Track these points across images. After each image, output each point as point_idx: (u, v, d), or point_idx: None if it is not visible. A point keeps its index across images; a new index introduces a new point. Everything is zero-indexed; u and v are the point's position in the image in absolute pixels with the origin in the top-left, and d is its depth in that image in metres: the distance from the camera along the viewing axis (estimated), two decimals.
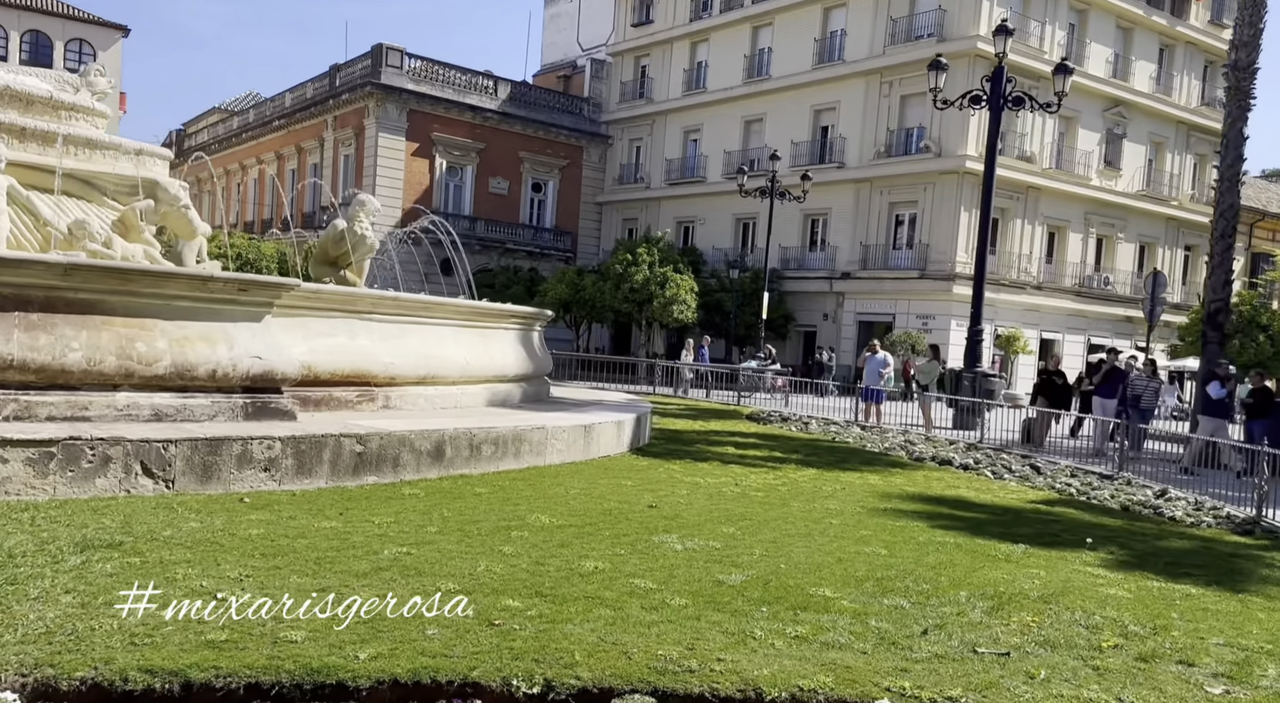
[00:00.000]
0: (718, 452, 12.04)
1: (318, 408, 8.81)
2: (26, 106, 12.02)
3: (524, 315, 11.99)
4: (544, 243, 45.06)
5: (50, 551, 5.00)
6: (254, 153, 50.08)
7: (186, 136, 58.94)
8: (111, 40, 47.96)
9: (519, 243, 43.92)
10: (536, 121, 44.96)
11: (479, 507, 7.27)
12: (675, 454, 11.31)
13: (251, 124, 50.40)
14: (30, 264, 6.79)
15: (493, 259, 42.33)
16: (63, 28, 46.75)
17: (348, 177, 42.65)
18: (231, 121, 53.34)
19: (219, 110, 58.80)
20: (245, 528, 5.89)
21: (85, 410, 6.85)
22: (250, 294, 7.83)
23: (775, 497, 9.07)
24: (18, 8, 46.03)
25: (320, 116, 44.21)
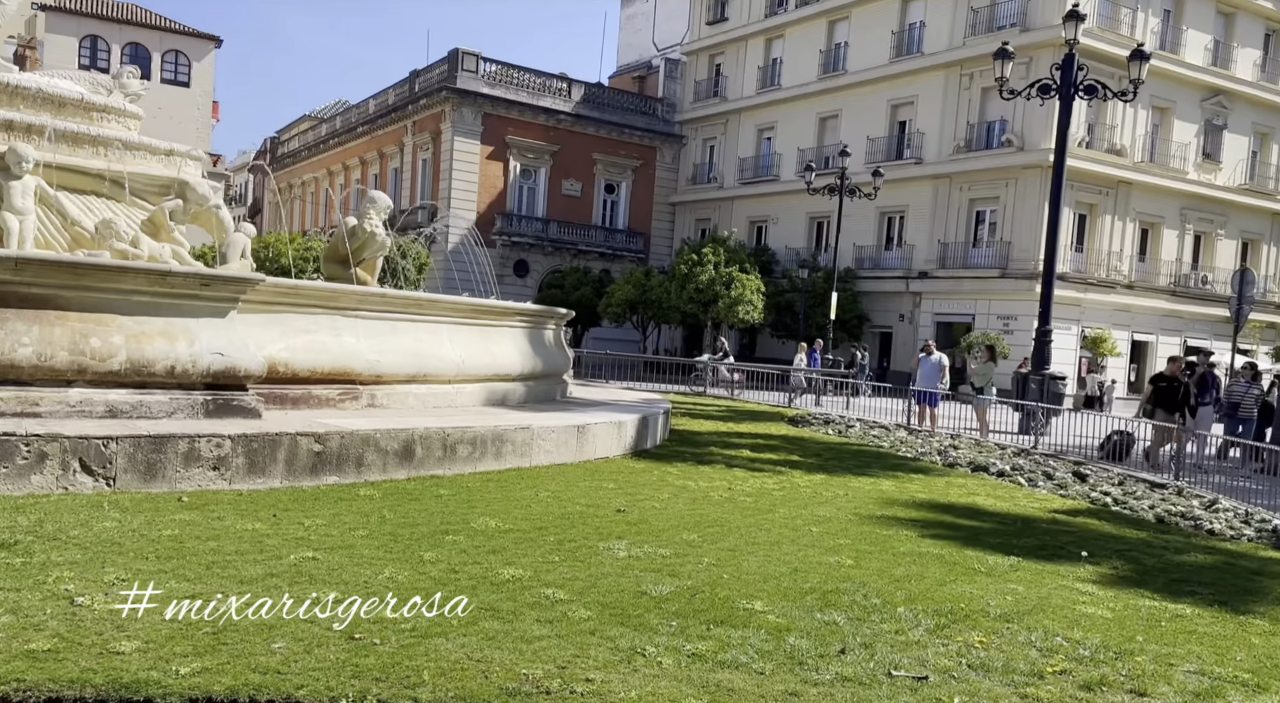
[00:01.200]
0: (728, 455, 11.56)
1: (295, 406, 8.71)
2: (59, 109, 12.30)
3: (530, 313, 11.72)
4: (616, 244, 44.94)
5: None
6: (340, 159, 51.41)
7: (280, 144, 60.99)
8: (205, 51, 49.92)
9: (591, 244, 43.91)
10: (610, 123, 44.89)
11: (429, 509, 7.01)
12: (680, 457, 10.89)
13: (338, 130, 51.77)
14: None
15: (565, 261, 42.42)
16: (160, 40, 48.88)
17: (425, 180, 43.37)
18: (320, 128, 54.91)
19: (310, 117, 60.67)
20: (160, 529, 5.75)
21: (36, 406, 6.85)
22: (213, 289, 7.76)
23: (764, 503, 8.58)
24: (119, 21, 48.35)
25: (400, 122, 45.07)
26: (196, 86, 49.67)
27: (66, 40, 47.59)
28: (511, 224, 41.88)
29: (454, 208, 40.90)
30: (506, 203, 42.16)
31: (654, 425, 11.45)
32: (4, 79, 12.04)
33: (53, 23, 48.13)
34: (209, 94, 50.22)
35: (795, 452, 12.54)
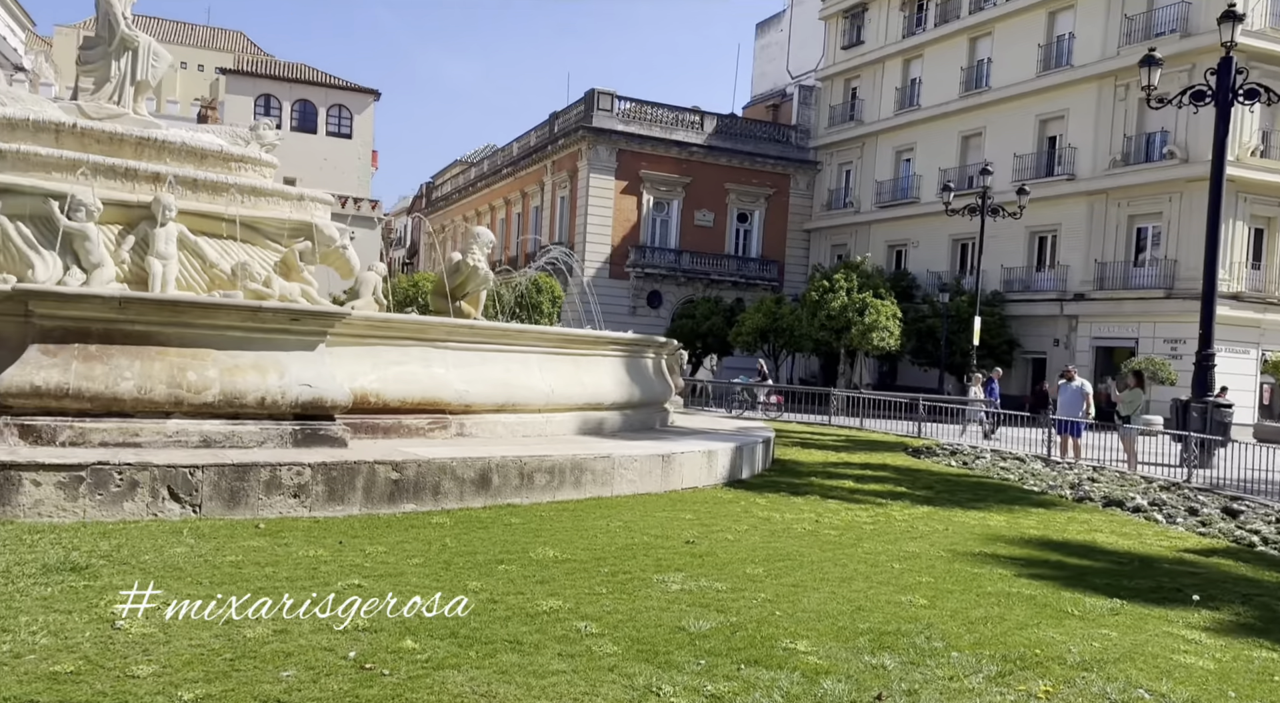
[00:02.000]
0: (827, 486, 11.11)
1: (386, 435, 8.97)
2: (201, 160, 13.21)
3: (625, 342, 11.69)
4: (749, 273, 44.64)
5: (13, 573, 5.25)
6: (487, 200, 53.50)
7: (434, 188, 64.09)
8: (365, 104, 53.17)
9: (723, 274, 43.79)
10: (742, 152, 44.87)
11: (493, 538, 7.02)
12: (775, 487, 10.54)
13: (485, 173, 53.93)
14: (89, 298, 7.39)
15: (697, 291, 42.46)
16: (325, 96, 52.44)
17: (563, 217, 44.50)
18: (470, 172, 57.34)
19: (461, 162, 63.49)
20: (225, 555, 5.97)
21: (136, 437, 7.31)
22: (302, 324, 8.11)
23: (849, 537, 8.16)
24: (289, 81, 52.24)
25: (540, 162, 46.52)
26: (358, 137, 52.91)
27: (243, 100, 51.77)
28: (644, 256, 42.33)
29: (589, 242, 41.73)
30: (640, 235, 42.67)
31: (750, 455, 11.16)
32: (154, 135, 13.05)
33: (232, 85, 52.50)
34: (368, 144, 53.38)
35: (904, 483, 11.94)
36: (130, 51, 13.81)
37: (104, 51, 13.74)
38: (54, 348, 7.14)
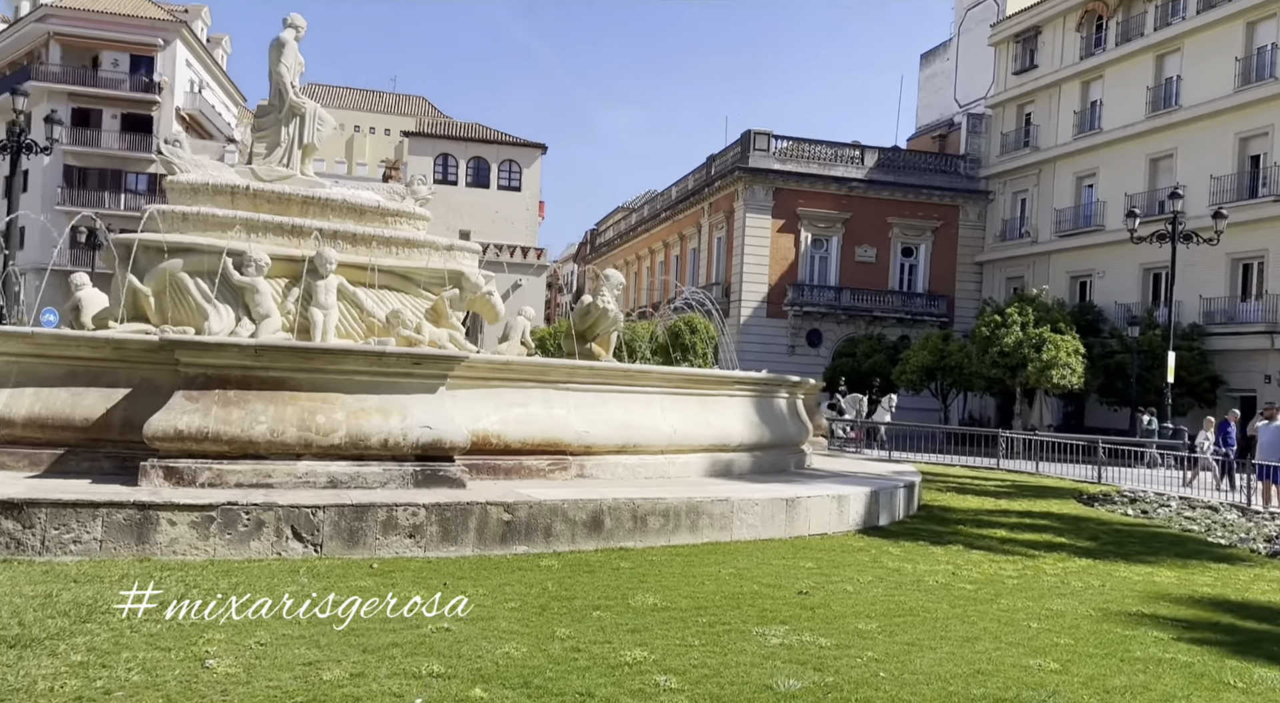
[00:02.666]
0: (975, 534, 10.37)
1: (507, 476, 9.09)
2: (359, 216, 14.00)
3: (755, 381, 11.41)
4: (915, 309, 43.08)
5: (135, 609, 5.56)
6: (646, 244, 54.40)
7: (598, 234, 65.87)
8: (533, 158, 55.49)
9: (887, 310, 42.48)
10: (906, 185, 43.66)
11: (596, 583, 6.92)
12: (915, 535, 9.93)
13: (645, 218, 54.94)
14: (227, 347, 7.90)
15: (859, 328, 41.37)
16: (496, 152, 55.12)
17: (720, 258, 44.59)
18: (630, 218, 58.60)
19: (622, 208, 65.02)
20: (329, 594, 6.11)
21: (269, 478, 7.71)
22: (424, 367, 8.37)
23: (986, 591, 7.54)
24: (464, 140, 55.30)
25: (697, 205, 46.94)
26: (526, 189, 55.24)
27: (424, 160, 55.13)
28: (803, 294, 41.70)
29: (745, 282, 41.54)
30: (798, 273, 42.11)
31: (889, 500, 10.59)
32: (317, 194, 13.96)
33: (414, 146, 56.08)
34: (536, 195, 55.61)
35: (1065, 533, 10.99)
36: (298, 117, 14.85)
37: (275, 118, 14.84)
38: (196, 394, 7.67)
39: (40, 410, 7.95)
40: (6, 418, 7.91)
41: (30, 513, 6.59)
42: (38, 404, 7.96)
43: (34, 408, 7.95)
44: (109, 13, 55.78)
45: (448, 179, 54.32)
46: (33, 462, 7.94)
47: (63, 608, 5.47)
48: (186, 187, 13.38)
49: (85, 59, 56.66)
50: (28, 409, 7.94)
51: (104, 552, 6.71)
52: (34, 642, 4.86)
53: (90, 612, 5.43)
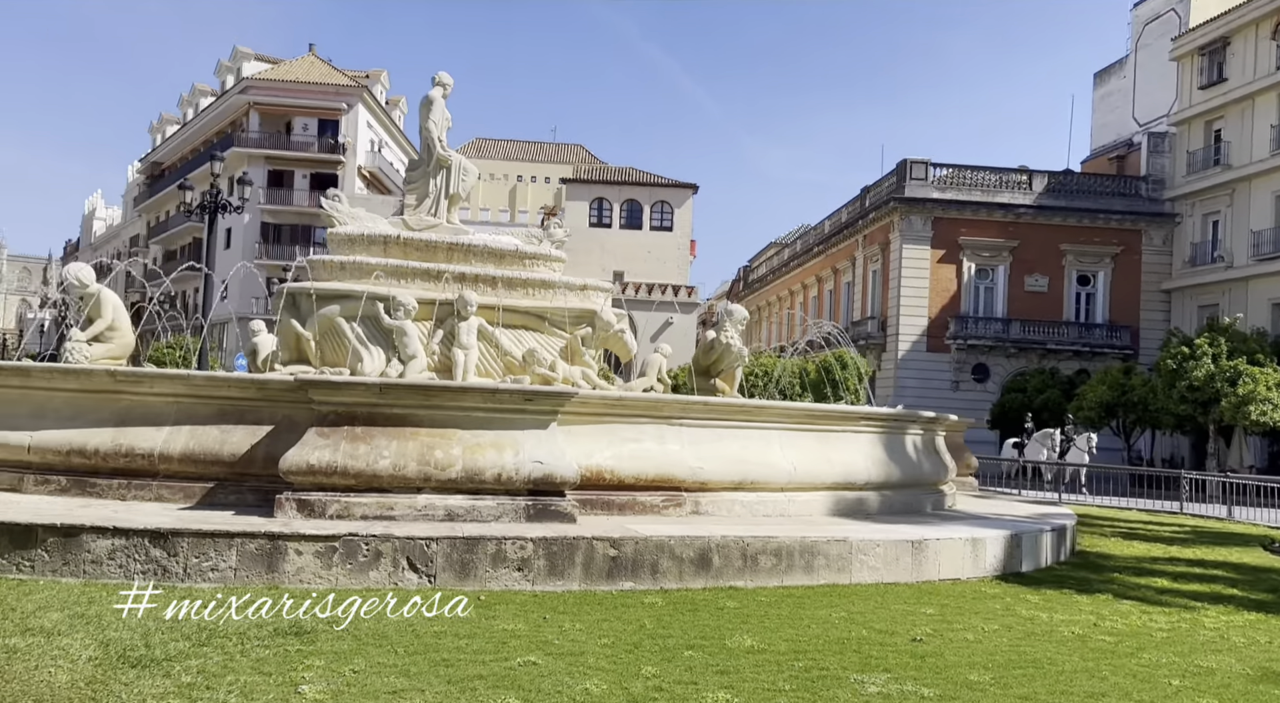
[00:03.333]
0: (1131, 583, 9.56)
1: (620, 512, 9.15)
2: (499, 260, 14.62)
3: (884, 417, 11.00)
4: (1094, 341, 40.47)
5: (249, 635, 5.92)
6: (799, 278, 53.83)
7: (751, 271, 65.74)
8: (685, 198, 56.17)
9: (1062, 343, 40.11)
10: (1080, 210, 41.35)
11: (696, 622, 6.84)
12: (1060, 582, 9.26)
13: (798, 253, 54.44)
14: (354, 386, 8.37)
15: (1030, 362, 39.25)
16: (649, 194, 56.16)
17: (875, 291, 43.51)
18: (783, 253, 58.22)
19: (775, 244, 64.70)
20: (434, 625, 6.34)
21: (391, 511, 8.08)
22: (535, 404, 8.58)
23: (1128, 645, 6.95)
24: (618, 184, 56.67)
25: (851, 237, 46.11)
26: (678, 229, 55.96)
27: (580, 205, 56.87)
28: (966, 327, 40.00)
29: (903, 315, 40.29)
30: (960, 305, 40.47)
31: (1033, 544, 9.94)
32: (461, 240, 14.67)
33: (571, 192, 57.96)
34: (687, 234, 56.18)
35: (1239, 585, 9.97)
36: (445, 169, 15.71)
37: (423, 171, 15.75)
38: (328, 430, 8.16)
39: (194, 447, 8.67)
40: (165, 454, 8.66)
41: (175, 542, 7.18)
42: (192, 441, 8.69)
43: (188, 444, 8.68)
44: (300, 82, 60.88)
45: (602, 222, 55.74)
46: (186, 494, 8.66)
47: (187, 632, 5.91)
48: (344, 238, 14.36)
49: (279, 125, 61.96)
50: (183, 446, 8.68)
51: (238, 579, 7.20)
52: (153, 663, 5.27)
53: (210, 636, 5.83)
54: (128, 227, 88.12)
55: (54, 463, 8.74)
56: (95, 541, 7.13)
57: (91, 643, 5.55)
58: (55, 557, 7.14)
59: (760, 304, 61.73)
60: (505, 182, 71.72)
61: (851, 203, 47.55)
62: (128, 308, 12.57)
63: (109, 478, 8.70)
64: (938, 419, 12.34)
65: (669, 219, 55.75)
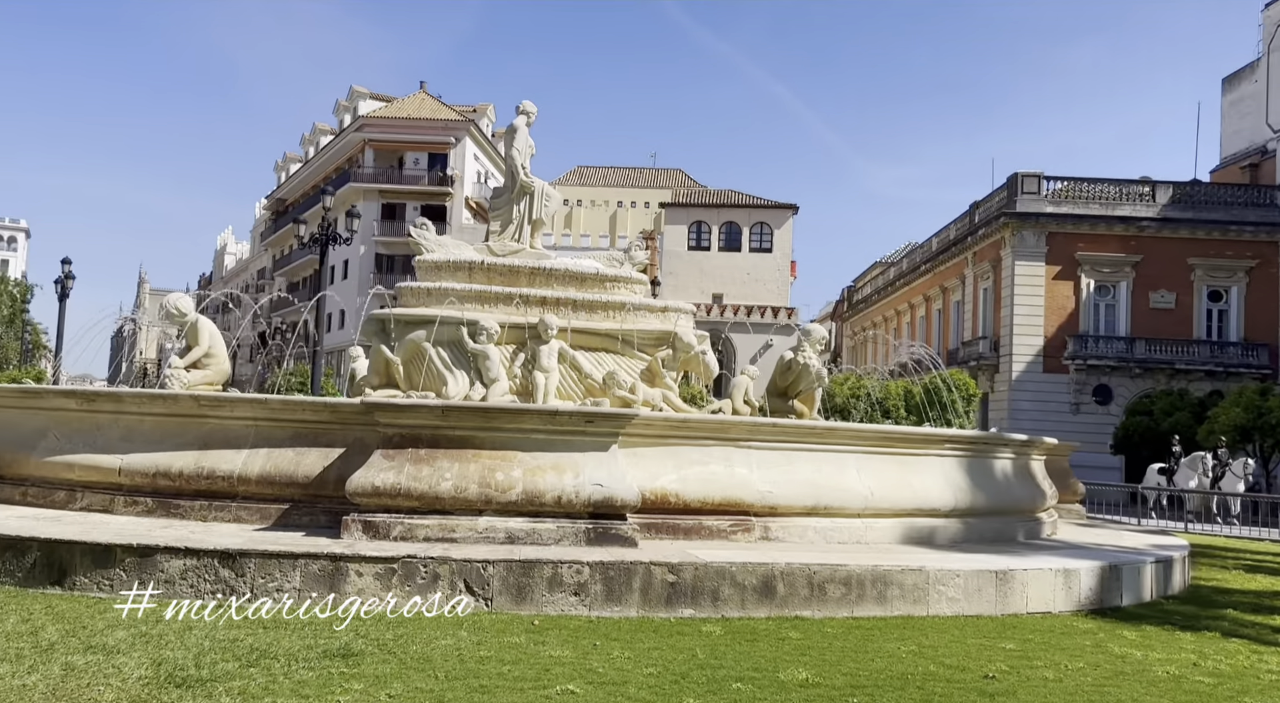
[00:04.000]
0: (1245, 620, 8.78)
1: (686, 536, 8.95)
2: (581, 283, 14.72)
3: (969, 440, 10.45)
4: (1228, 360, 38.01)
5: (296, 657, 5.98)
6: (905, 298, 52.48)
7: (855, 291, 64.50)
8: (784, 219, 55.69)
9: (1192, 362, 37.80)
10: (1210, 221, 39.08)
11: (754, 653, 6.59)
12: (1163, 618, 8.58)
13: (904, 272, 53.13)
14: (417, 408, 8.45)
15: (1158, 382, 37.11)
16: (748, 215, 55.93)
17: (987, 310, 42.02)
18: (889, 272, 56.93)
19: (880, 263, 63.35)
20: (482, 650, 6.26)
21: (453, 533, 8.11)
22: (596, 425, 8.50)
23: (1228, 688, 6.36)
24: (716, 206, 56.63)
25: (960, 255, 44.72)
26: (777, 250, 55.47)
27: (678, 229, 57.09)
28: (1085, 346, 38.14)
29: (1016, 335, 38.74)
30: (1079, 324, 38.66)
31: (1134, 576, 9.26)
32: (543, 265, 14.84)
33: (669, 216, 58.24)
34: (787, 255, 55.61)
35: None
36: (528, 196, 15.94)
37: (507, 198, 16.01)
38: (392, 453, 8.28)
39: (270, 469, 8.92)
40: (244, 476, 8.94)
41: (242, 563, 7.37)
42: (268, 463, 8.95)
43: (265, 467, 8.94)
44: (411, 118, 63.27)
45: (701, 245, 55.73)
46: (263, 516, 8.90)
47: (239, 652, 6.01)
48: (431, 265, 14.69)
49: (392, 160, 64.42)
50: (260, 467, 8.94)
51: (301, 599, 7.33)
52: (198, 683, 5.37)
53: (260, 657, 5.92)
54: (255, 260, 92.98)
55: (142, 485, 9.13)
56: (169, 561, 7.38)
57: (146, 662, 5.70)
58: (131, 576, 7.41)
59: (865, 325, 60.45)
60: (606, 208, 72.56)
61: (960, 219, 46.18)
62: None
63: (191, 499, 9.03)
64: (1031, 442, 11.70)
65: (768, 240, 55.30)
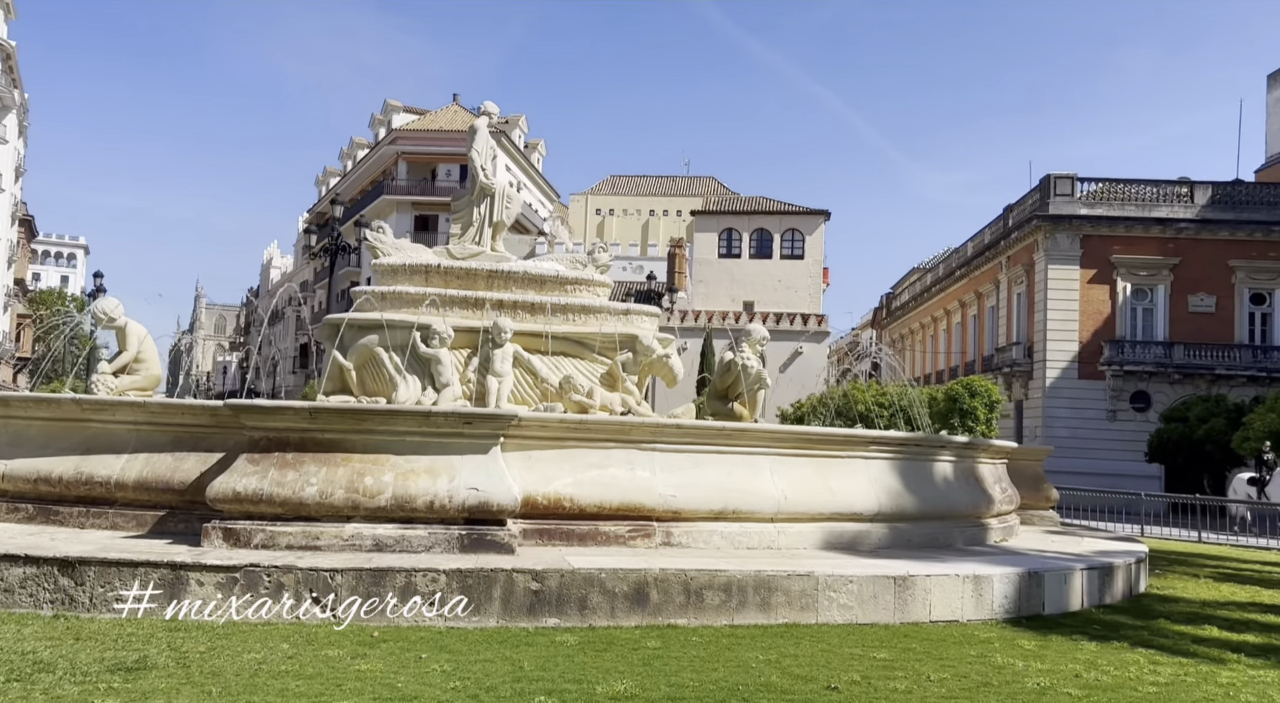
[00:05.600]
0: (1170, 629, 8.09)
1: (581, 542, 8.53)
2: (540, 286, 14.38)
3: (899, 443, 9.82)
4: (1272, 365, 36.29)
5: (79, 671, 5.66)
6: (941, 305, 51.27)
7: (893, 298, 63.26)
8: (816, 225, 54.78)
9: (1234, 367, 36.17)
10: (1253, 222, 37.45)
11: (590, 664, 6.15)
12: (1081, 627, 7.91)
13: (940, 277, 51.94)
14: (284, 410, 8.16)
15: (1199, 388, 35.57)
16: (779, 222, 55.13)
17: (1020, 315, 40.78)
18: (925, 278, 55.72)
19: (918, 269, 62.05)
20: (285, 663, 5.91)
21: (317, 540, 7.78)
22: (474, 427, 8.12)
23: (1095, 701, 5.75)
24: (747, 213, 55.99)
25: (994, 259, 43.55)
26: (809, 256, 54.59)
27: (708, 236, 56.50)
28: (1122, 352, 36.72)
29: (1050, 340, 37.47)
30: (1115, 329, 37.26)
31: (1062, 584, 8.60)
32: (501, 268, 14.54)
33: (699, 224, 57.73)
34: (819, 262, 54.66)
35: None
36: (488, 197, 15.66)
37: (468, 200, 15.76)
38: (258, 457, 7.99)
39: (147, 474, 8.71)
40: (121, 482, 8.74)
41: (82, 571, 7.12)
42: (146, 469, 8.73)
43: (142, 472, 8.72)
44: (442, 130, 63.85)
45: (731, 252, 55.10)
46: (139, 522, 8.69)
47: (18, 665, 5.66)
48: (388, 268, 14.46)
49: (425, 172, 65.04)
50: (137, 473, 8.73)
51: (139, 609, 7.04)
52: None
53: (36, 670, 5.57)
54: (298, 273, 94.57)
55: (25, 491, 8.98)
56: (9, 569, 7.16)
57: None
58: None
59: (903, 332, 59.22)
60: (638, 217, 72.39)
61: (994, 223, 44.99)
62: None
63: (72, 506, 8.85)
64: (975, 444, 11.01)
65: (799, 247, 54.46)
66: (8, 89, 65.85)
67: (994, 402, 30.11)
